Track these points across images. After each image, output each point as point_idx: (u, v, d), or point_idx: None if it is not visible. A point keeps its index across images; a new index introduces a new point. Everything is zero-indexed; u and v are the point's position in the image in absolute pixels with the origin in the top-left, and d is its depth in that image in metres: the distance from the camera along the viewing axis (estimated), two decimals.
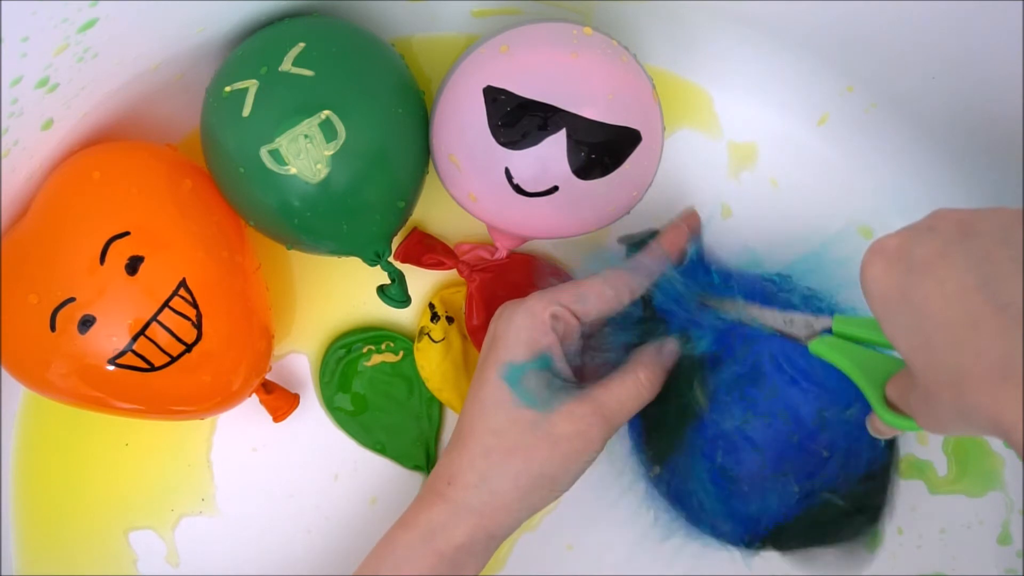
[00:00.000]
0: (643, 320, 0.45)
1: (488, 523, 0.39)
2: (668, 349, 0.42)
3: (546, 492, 0.40)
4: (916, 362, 0.30)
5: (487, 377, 0.40)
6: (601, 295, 0.41)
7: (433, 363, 0.47)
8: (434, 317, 0.47)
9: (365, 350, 0.48)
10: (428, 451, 0.49)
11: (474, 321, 0.46)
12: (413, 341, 0.48)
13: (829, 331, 0.38)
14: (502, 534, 0.40)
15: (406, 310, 0.49)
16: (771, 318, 0.40)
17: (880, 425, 0.36)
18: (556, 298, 0.40)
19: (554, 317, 0.40)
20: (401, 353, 0.48)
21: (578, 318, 0.41)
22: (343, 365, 0.48)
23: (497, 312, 0.42)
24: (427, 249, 0.47)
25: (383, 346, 0.48)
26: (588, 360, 0.44)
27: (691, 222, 0.45)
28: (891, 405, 0.35)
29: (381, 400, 0.49)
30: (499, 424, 0.39)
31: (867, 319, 0.37)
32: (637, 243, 0.44)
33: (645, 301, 0.44)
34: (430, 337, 0.46)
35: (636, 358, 0.42)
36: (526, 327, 0.40)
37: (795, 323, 0.39)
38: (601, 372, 0.42)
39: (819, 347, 0.38)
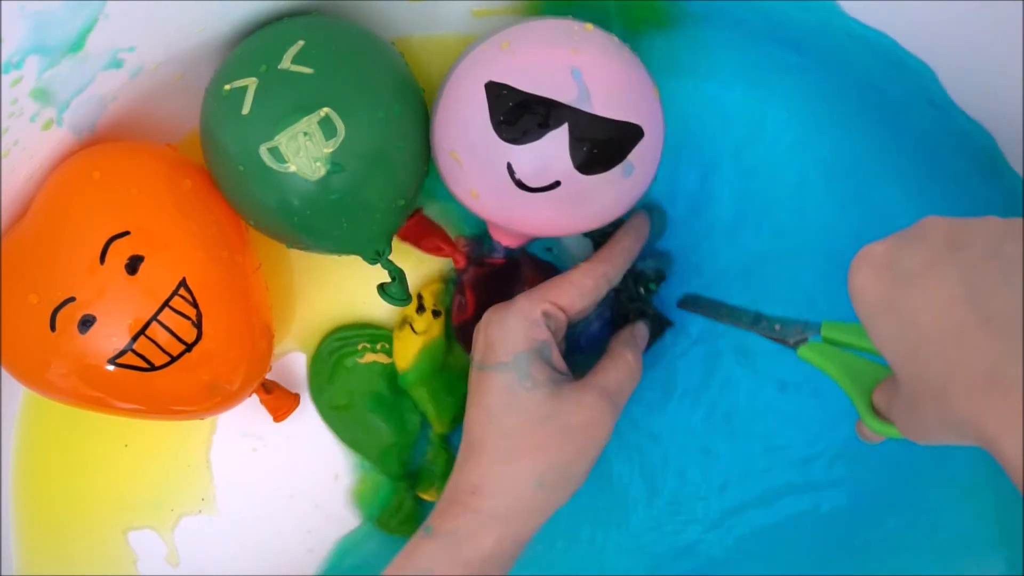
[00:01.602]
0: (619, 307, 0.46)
1: (515, 528, 0.39)
2: (640, 332, 0.44)
3: (567, 486, 0.40)
4: (902, 371, 0.30)
5: (489, 384, 0.40)
6: (583, 288, 0.42)
7: (409, 354, 0.46)
8: (420, 308, 0.47)
9: (360, 347, 0.48)
10: (400, 460, 0.48)
11: (460, 314, 0.46)
12: None
13: (817, 334, 0.38)
14: (527, 538, 0.40)
15: None
16: (761, 323, 0.41)
17: (867, 431, 0.37)
18: (543, 296, 0.41)
19: (545, 314, 0.41)
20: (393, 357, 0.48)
21: (565, 312, 0.42)
22: (336, 357, 0.48)
23: (485, 318, 0.42)
24: (427, 233, 0.46)
25: (378, 346, 0.48)
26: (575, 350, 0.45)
27: (643, 219, 0.46)
28: (878, 412, 0.35)
29: (365, 398, 0.48)
30: (512, 427, 0.39)
31: (856, 325, 0.37)
32: (603, 234, 0.45)
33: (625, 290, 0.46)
34: (412, 327, 0.46)
35: (617, 342, 0.43)
36: (521, 327, 0.40)
37: (785, 328, 0.40)
38: (585, 363, 0.43)
39: (807, 353, 0.38)
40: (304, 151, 0.38)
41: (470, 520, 0.39)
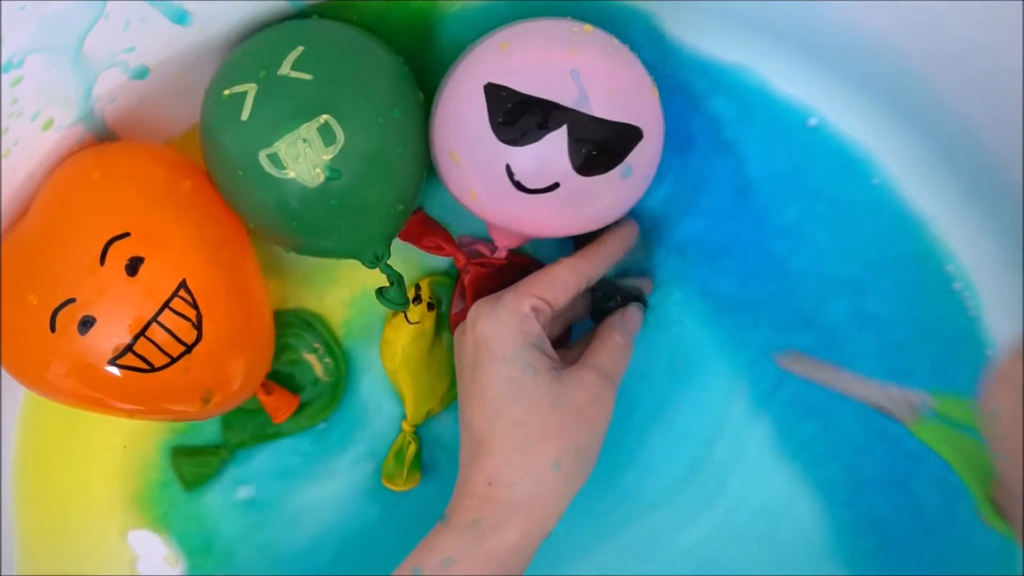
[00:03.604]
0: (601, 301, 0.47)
1: (539, 517, 0.39)
2: (631, 316, 0.45)
3: (582, 468, 0.40)
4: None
5: (490, 379, 0.40)
6: (566, 282, 0.42)
7: (399, 343, 0.46)
8: (416, 299, 0.47)
9: (315, 346, 0.48)
10: (235, 428, 0.47)
11: (455, 310, 0.47)
12: (343, 383, 0.48)
13: (930, 409, 0.36)
14: (549, 528, 0.40)
15: None
16: (867, 388, 0.38)
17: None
18: (529, 291, 0.41)
19: (533, 309, 0.41)
20: (329, 378, 0.48)
21: (551, 307, 0.42)
22: (288, 333, 0.48)
23: (472, 315, 0.42)
24: (428, 231, 0.46)
25: (327, 360, 0.48)
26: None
27: (633, 226, 0.46)
28: (997, 506, 0.33)
29: (281, 381, 0.48)
30: (521, 415, 0.39)
31: (974, 402, 0.33)
32: (588, 234, 0.44)
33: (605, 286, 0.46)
34: (406, 316, 0.46)
35: (605, 326, 0.44)
36: (514, 321, 0.40)
37: (892, 397, 0.37)
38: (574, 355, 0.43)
39: (926, 433, 0.36)
40: (303, 158, 0.38)
41: (493, 511, 0.39)
